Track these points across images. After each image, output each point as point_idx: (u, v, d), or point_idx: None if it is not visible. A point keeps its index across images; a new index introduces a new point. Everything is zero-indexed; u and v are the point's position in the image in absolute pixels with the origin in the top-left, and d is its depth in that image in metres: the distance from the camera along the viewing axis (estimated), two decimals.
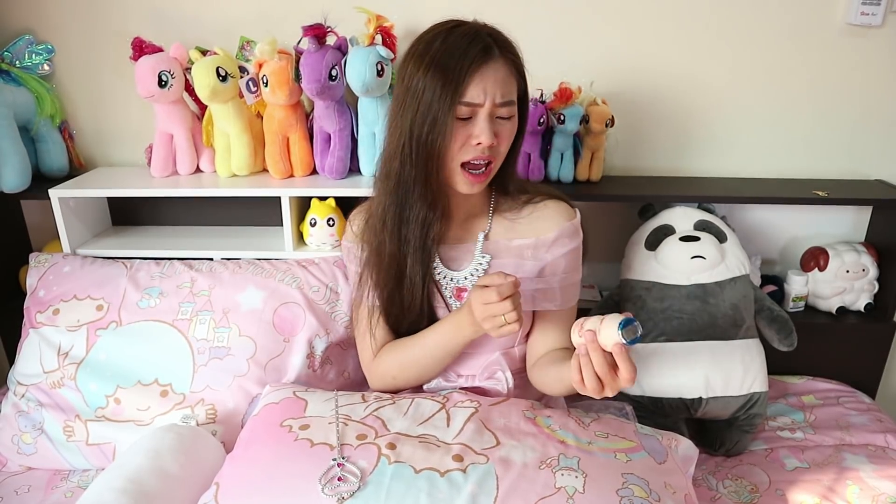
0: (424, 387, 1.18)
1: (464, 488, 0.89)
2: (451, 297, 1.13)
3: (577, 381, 0.89)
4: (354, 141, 1.52)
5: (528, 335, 1.18)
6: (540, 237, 1.12)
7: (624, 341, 0.83)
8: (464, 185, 1.06)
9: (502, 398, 1.10)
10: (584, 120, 1.49)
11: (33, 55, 1.58)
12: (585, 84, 1.52)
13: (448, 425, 1.01)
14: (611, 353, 0.86)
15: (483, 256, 1.13)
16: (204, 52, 1.46)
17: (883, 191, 1.57)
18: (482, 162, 1.03)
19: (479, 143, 1.00)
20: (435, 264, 1.13)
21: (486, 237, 1.14)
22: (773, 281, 1.66)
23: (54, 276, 1.42)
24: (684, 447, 1.09)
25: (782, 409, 1.53)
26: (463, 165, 1.04)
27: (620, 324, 0.83)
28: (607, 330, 0.85)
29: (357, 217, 1.21)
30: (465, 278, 1.13)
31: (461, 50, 0.97)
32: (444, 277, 1.13)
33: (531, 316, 1.16)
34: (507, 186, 1.14)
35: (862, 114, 1.61)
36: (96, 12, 1.58)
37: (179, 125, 1.51)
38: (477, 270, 1.12)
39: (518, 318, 0.95)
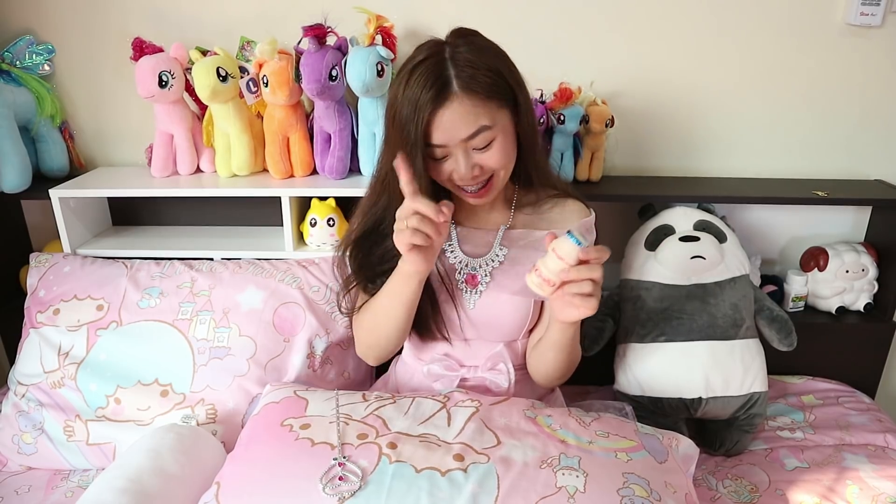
0: (425, 369, 1.18)
1: (465, 488, 0.89)
2: (462, 282, 1.13)
3: (573, 306, 0.93)
4: (354, 141, 1.52)
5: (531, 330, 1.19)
6: (555, 230, 1.13)
7: (580, 243, 0.87)
8: (471, 201, 1.08)
9: (503, 397, 1.10)
10: (584, 120, 1.49)
11: (33, 55, 1.58)
12: (585, 84, 1.52)
13: (449, 425, 1.01)
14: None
15: (501, 249, 1.13)
16: (204, 53, 1.46)
17: (883, 191, 1.57)
18: (475, 187, 1.04)
19: (461, 178, 1.02)
20: (451, 244, 1.14)
21: (507, 229, 1.15)
22: (773, 281, 1.66)
23: (54, 276, 1.42)
24: (685, 446, 1.09)
25: (782, 409, 1.53)
26: (461, 187, 1.05)
27: (570, 235, 0.88)
28: (562, 248, 0.88)
29: None
30: (480, 266, 1.13)
31: (416, 100, 0.95)
32: (461, 262, 1.14)
33: (539, 307, 1.16)
34: (530, 180, 1.14)
35: (862, 114, 1.61)
36: (96, 12, 1.58)
37: (179, 125, 1.51)
38: (493, 260, 1.13)
39: (419, 232, 0.93)
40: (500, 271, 1.13)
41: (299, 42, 1.44)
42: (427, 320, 1.15)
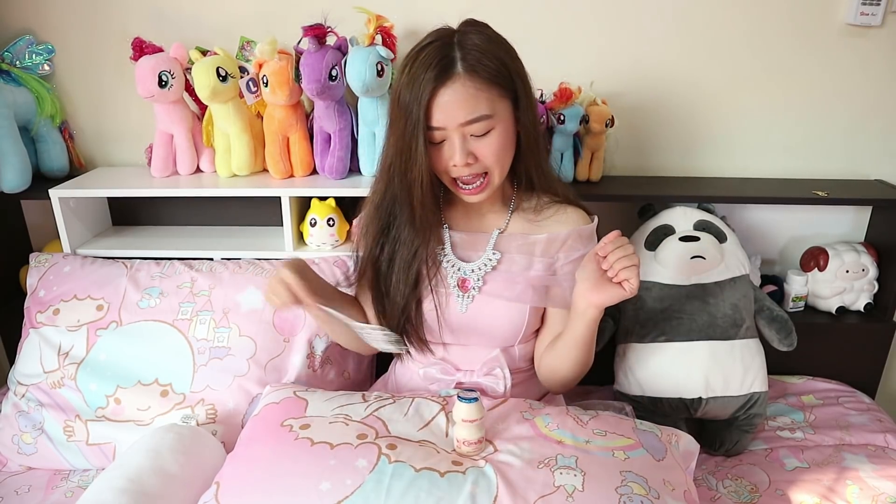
0: (422, 372, 1.18)
1: (464, 487, 0.89)
2: (454, 287, 1.13)
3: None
4: (354, 141, 1.52)
5: (536, 331, 1.19)
6: (552, 233, 1.13)
7: (470, 400, 0.95)
8: (464, 198, 1.08)
9: (501, 400, 1.10)
10: (584, 120, 1.49)
11: (33, 55, 1.58)
12: (585, 84, 1.52)
13: (447, 435, 1.01)
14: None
15: (494, 253, 1.13)
16: (204, 52, 1.46)
17: (883, 191, 1.57)
18: (471, 178, 1.05)
19: (455, 165, 1.02)
20: (445, 249, 1.14)
21: (500, 233, 1.14)
22: (773, 281, 1.66)
23: (54, 276, 1.42)
24: (685, 442, 1.09)
25: (782, 409, 1.53)
26: (456, 181, 1.06)
27: (459, 399, 0.96)
28: (460, 413, 0.96)
29: None
30: (472, 271, 1.13)
31: (420, 79, 0.97)
32: (453, 266, 1.13)
33: (538, 312, 1.16)
34: (532, 184, 1.14)
35: (862, 114, 1.61)
36: (96, 12, 1.58)
37: (179, 125, 1.51)
38: (486, 265, 1.12)
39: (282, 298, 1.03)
40: (493, 276, 1.12)
41: (299, 42, 1.44)
42: (413, 330, 1.15)
